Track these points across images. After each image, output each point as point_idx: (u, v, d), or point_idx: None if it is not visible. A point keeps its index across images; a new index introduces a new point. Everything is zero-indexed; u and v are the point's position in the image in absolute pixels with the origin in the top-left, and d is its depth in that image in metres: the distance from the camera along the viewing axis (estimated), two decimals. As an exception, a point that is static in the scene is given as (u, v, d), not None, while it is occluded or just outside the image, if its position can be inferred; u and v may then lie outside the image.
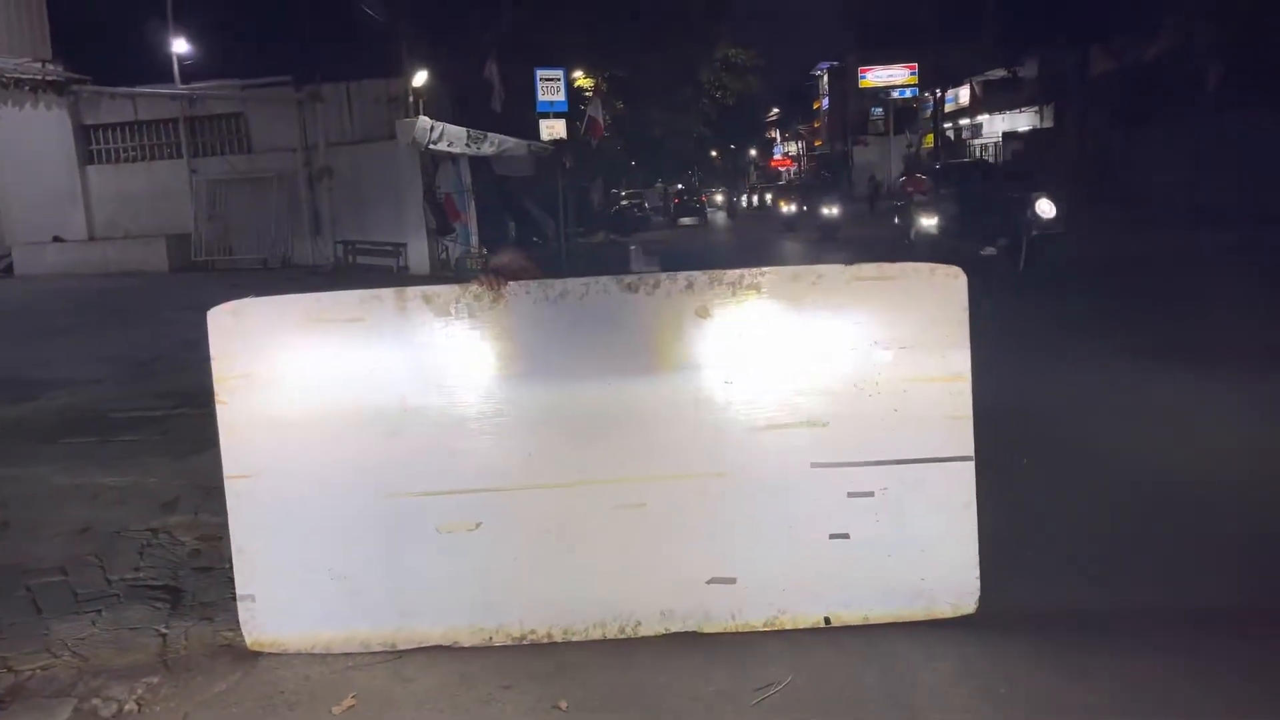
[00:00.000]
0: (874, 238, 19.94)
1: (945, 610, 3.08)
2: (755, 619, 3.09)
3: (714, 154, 76.10)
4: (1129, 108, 25.88)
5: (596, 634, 3.08)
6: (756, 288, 3.07)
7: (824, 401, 3.06)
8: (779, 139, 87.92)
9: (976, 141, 43.48)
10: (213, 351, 3.03)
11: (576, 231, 21.30)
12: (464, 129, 17.78)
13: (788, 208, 31.86)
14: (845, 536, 3.08)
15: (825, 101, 67.17)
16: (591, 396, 3.08)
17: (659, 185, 54.86)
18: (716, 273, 3.08)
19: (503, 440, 3.08)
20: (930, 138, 41.01)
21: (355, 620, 3.08)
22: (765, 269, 3.10)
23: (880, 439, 3.06)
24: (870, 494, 3.07)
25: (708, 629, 3.08)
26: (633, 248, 18.38)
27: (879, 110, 53.83)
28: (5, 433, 5.70)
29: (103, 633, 3.25)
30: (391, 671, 2.97)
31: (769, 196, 55.14)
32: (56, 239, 17.63)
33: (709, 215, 44.29)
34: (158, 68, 19.55)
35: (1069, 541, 3.65)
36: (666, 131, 36.55)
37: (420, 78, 18.18)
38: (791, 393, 3.07)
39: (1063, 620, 3.06)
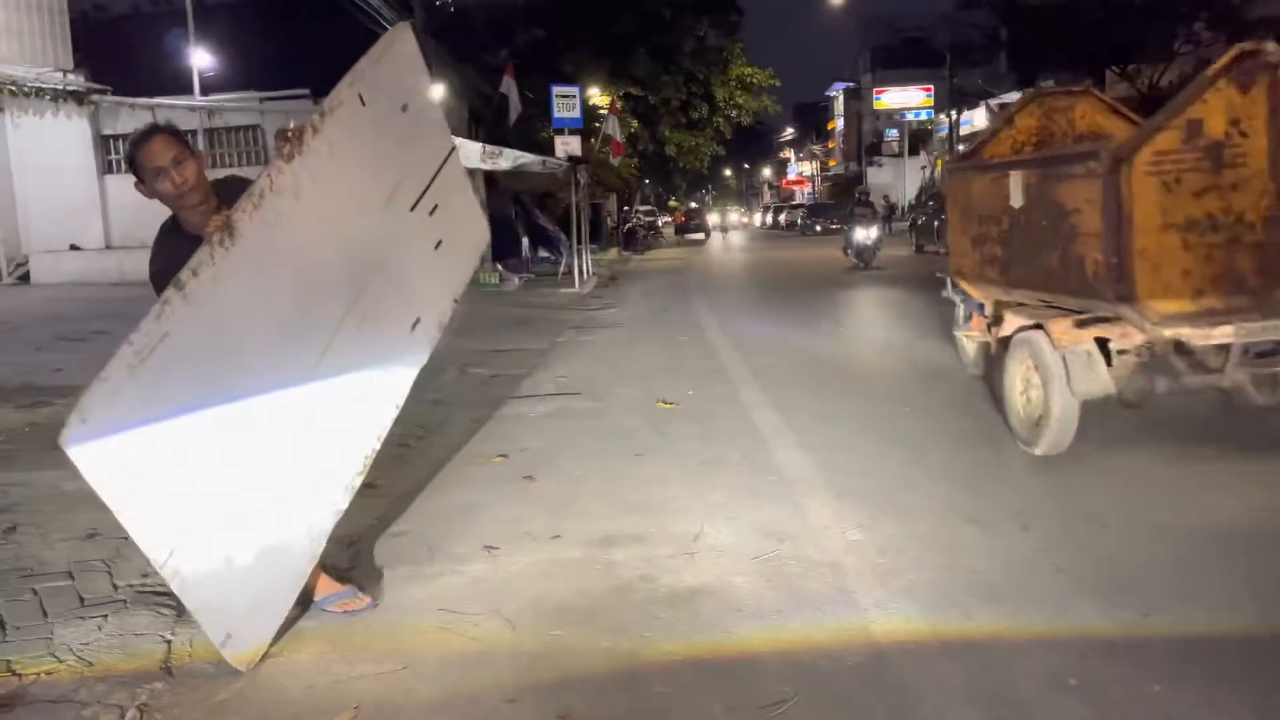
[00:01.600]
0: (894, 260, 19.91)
1: None
2: None
3: (728, 173, 76.19)
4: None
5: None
6: None
7: None
8: (793, 159, 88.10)
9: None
10: None
11: (590, 248, 21.34)
12: (479, 144, 17.87)
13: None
14: None
15: (840, 122, 67.31)
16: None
17: (673, 203, 56.63)
18: None
19: None
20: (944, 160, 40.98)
21: None
22: None
23: None
24: None
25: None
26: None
27: (893, 132, 53.93)
28: (16, 438, 5.72)
29: (108, 638, 3.24)
30: (395, 682, 2.95)
31: (782, 216, 55.68)
32: (74, 247, 17.77)
33: (712, 232, 49.05)
34: (178, 80, 19.76)
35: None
36: (680, 150, 36.69)
37: (436, 92, 18.28)
38: None
39: (1074, 640, 3.02)
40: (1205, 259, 4.40)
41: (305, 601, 3.50)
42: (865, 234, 19.55)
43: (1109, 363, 4.72)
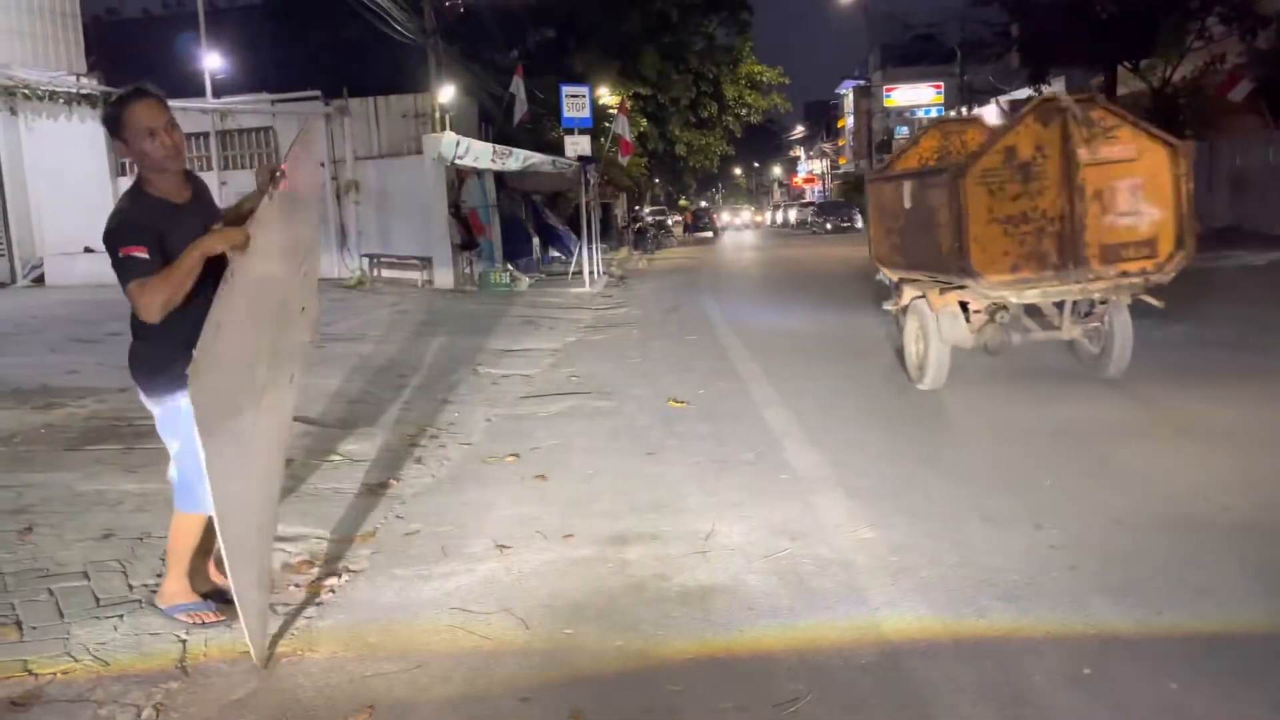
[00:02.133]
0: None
1: None
2: None
3: (738, 171, 76.18)
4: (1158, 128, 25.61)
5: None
6: None
7: None
8: (803, 157, 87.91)
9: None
10: None
11: (600, 247, 21.35)
12: (489, 144, 17.90)
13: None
14: None
15: (850, 120, 67.13)
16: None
17: (683, 202, 58.02)
18: None
19: None
20: (956, 157, 40.83)
21: None
22: None
23: None
24: None
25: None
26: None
27: (904, 130, 53.80)
28: (32, 439, 5.76)
29: (123, 638, 3.26)
30: (409, 681, 2.97)
31: (793, 214, 55.83)
32: (88, 250, 17.85)
33: (720, 231, 51.18)
34: (190, 82, 19.85)
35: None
36: (690, 149, 36.67)
37: (447, 93, 18.33)
38: None
39: (1087, 638, 3.01)
40: (1019, 243, 6.13)
41: (307, 602, 3.53)
42: None
43: (968, 320, 6.62)
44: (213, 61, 20.53)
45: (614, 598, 3.51)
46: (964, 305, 6.62)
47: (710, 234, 46.86)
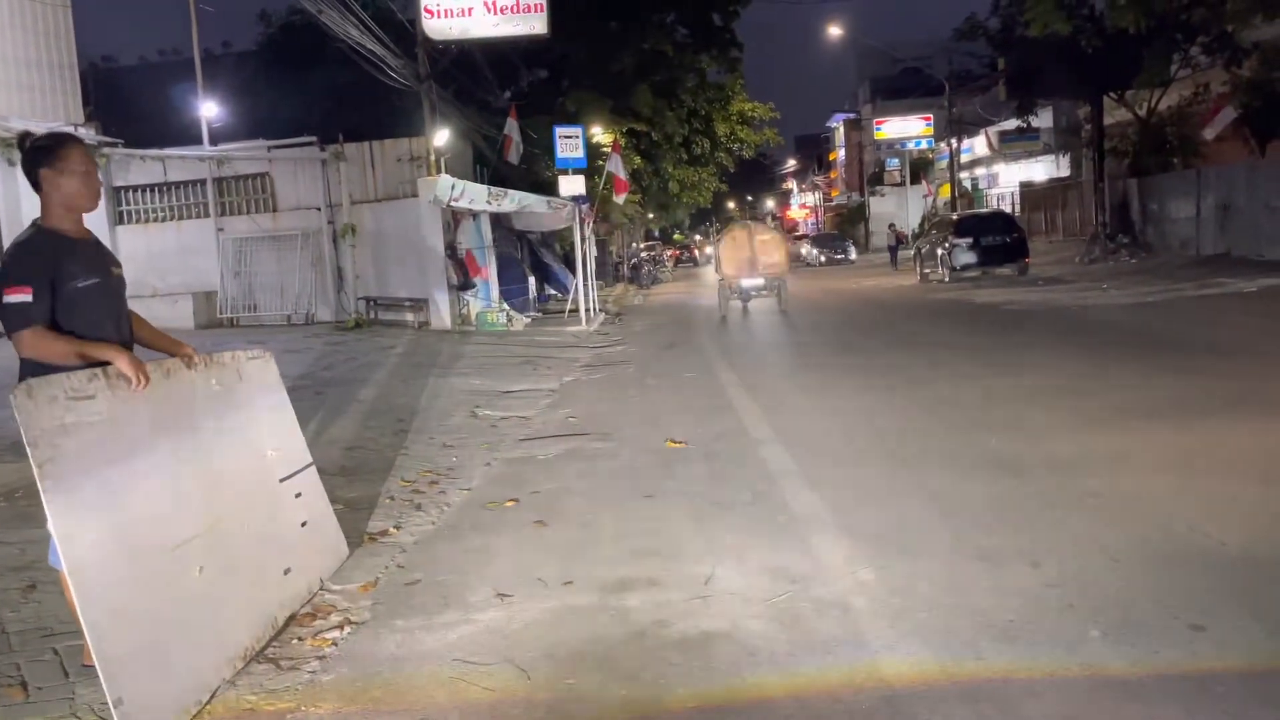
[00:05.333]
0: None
1: None
2: None
3: (731, 205, 76.76)
4: (1141, 157, 25.98)
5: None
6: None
7: None
8: (796, 190, 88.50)
9: (994, 191, 43.63)
10: None
11: (596, 284, 21.47)
12: (485, 186, 18.06)
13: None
14: None
15: (841, 153, 67.69)
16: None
17: (677, 236, 63.21)
18: None
19: None
20: (947, 188, 41.21)
21: None
22: None
23: None
24: None
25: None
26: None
27: (895, 162, 54.24)
28: (32, 494, 5.77)
29: (128, 696, 3.27)
30: (412, 735, 2.98)
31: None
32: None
33: (700, 261, 59.92)
34: (187, 129, 20.04)
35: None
36: (683, 186, 36.96)
37: (442, 136, 18.51)
38: None
39: (1080, 680, 3.04)
40: (737, 263, 18.78)
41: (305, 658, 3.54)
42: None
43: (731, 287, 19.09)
44: (209, 109, 20.74)
45: (615, 646, 3.53)
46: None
47: (693, 264, 58.54)
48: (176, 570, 3.31)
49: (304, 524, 4.28)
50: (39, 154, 3.31)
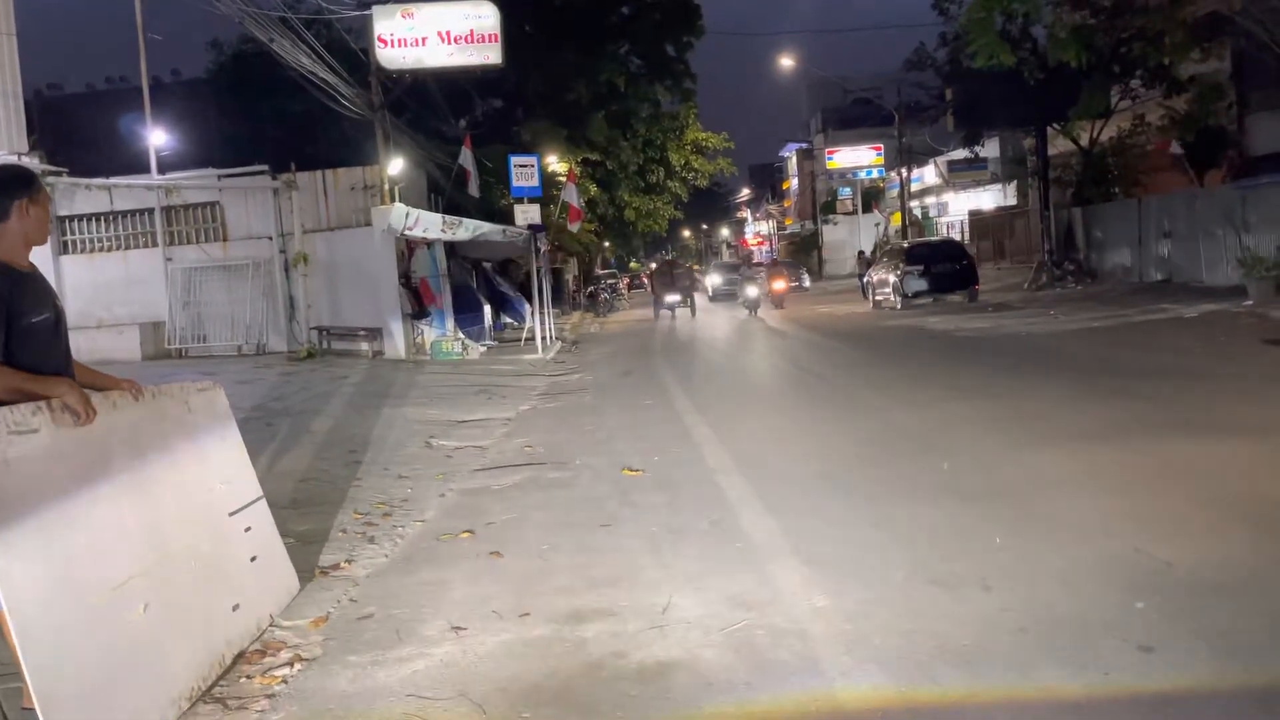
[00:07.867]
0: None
1: None
2: None
3: (686, 233, 77.30)
4: (1084, 186, 26.65)
5: None
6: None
7: None
8: (750, 218, 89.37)
9: (944, 219, 44.42)
10: None
11: (552, 312, 21.46)
12: (439, 215, 18.00)
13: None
14: None
15: (794, 181, 68.53)
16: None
17: (633, 264, 62.17)
18: None
19: None
20: (898, 216, 41.85)
21: None
22: None
23: None
24: None
25: None
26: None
27: (847, 191, 55.00)
28: None
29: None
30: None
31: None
32: (28, 329, 17.55)
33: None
34: (135, 158, 19.77)
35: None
36: (639, 214, 37.18)
37: (396, 165, 18.45)
38: None
39: (1034, 704, 3.06)
40: (662, 286, 27.85)
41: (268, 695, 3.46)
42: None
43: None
44: (158, 137, 20.48)
45: (572, 678, 3.49)
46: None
47: (647, 290, 59.48)
48: (119, 609, 3.21)
49: (253, 558, 4.20)
50: (17, 184, 3.25)
